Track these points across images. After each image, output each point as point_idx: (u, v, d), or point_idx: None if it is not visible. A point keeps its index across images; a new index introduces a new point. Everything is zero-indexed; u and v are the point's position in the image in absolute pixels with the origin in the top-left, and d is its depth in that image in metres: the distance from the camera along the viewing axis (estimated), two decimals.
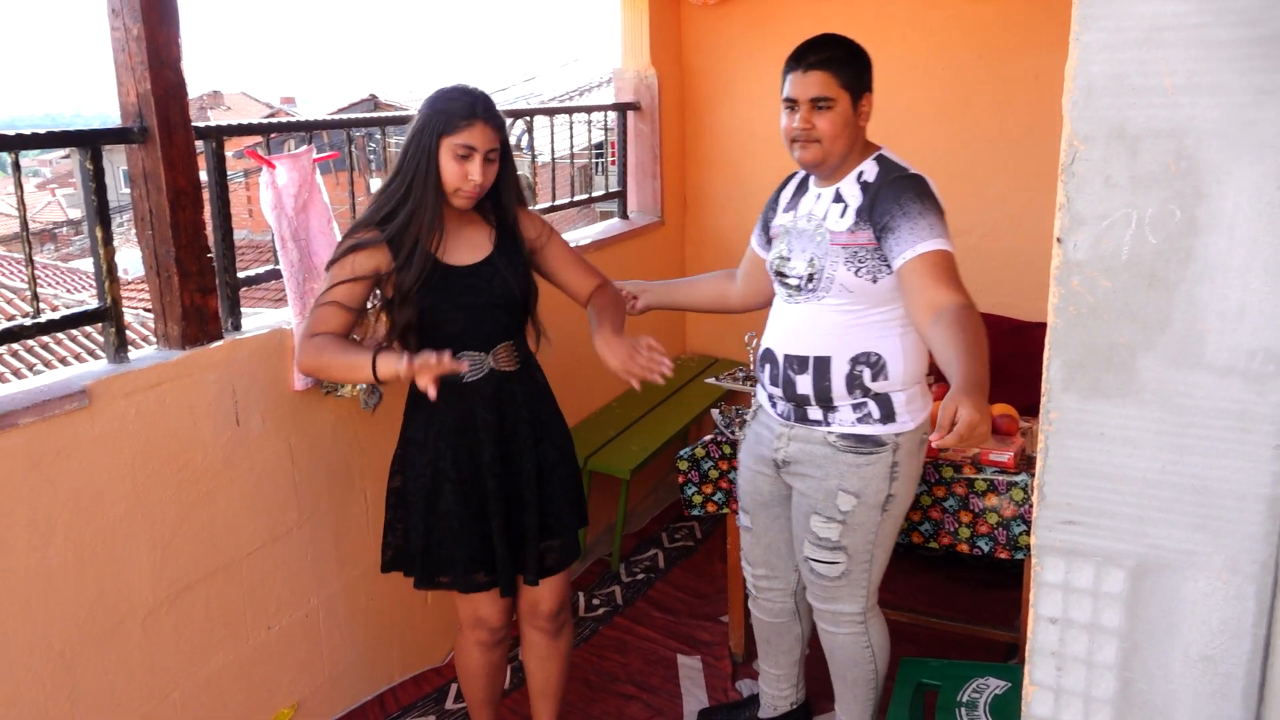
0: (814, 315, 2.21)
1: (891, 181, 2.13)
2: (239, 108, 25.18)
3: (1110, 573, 0.99)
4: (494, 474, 2.24)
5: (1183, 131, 0.87)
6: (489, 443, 2.22)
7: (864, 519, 2.24)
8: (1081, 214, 0.93)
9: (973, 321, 1.91)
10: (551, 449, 2.34)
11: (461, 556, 2.25)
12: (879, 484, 2.22)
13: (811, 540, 2.30)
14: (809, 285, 2.21)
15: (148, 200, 2.18)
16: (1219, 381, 0.90)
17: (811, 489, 2.27)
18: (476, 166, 2.09)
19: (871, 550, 2.29)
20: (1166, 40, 0.86)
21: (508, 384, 2.25)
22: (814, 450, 2.26)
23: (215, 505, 2.34)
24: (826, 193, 2.23)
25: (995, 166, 3.83)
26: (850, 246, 2.14)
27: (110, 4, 2.08)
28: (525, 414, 2.29)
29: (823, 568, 2.31)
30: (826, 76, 2.13)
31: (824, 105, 2.13)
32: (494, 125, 2.11)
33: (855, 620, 2.38)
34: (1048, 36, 3.59)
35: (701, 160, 4.49)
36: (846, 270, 2.15)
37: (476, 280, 2.19)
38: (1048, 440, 0.99)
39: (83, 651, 2.09)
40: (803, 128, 2.15)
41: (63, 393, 1.97)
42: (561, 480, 2.35)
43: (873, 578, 2.33)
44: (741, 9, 4.21)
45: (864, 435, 2.21)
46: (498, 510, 2.24)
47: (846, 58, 2.15)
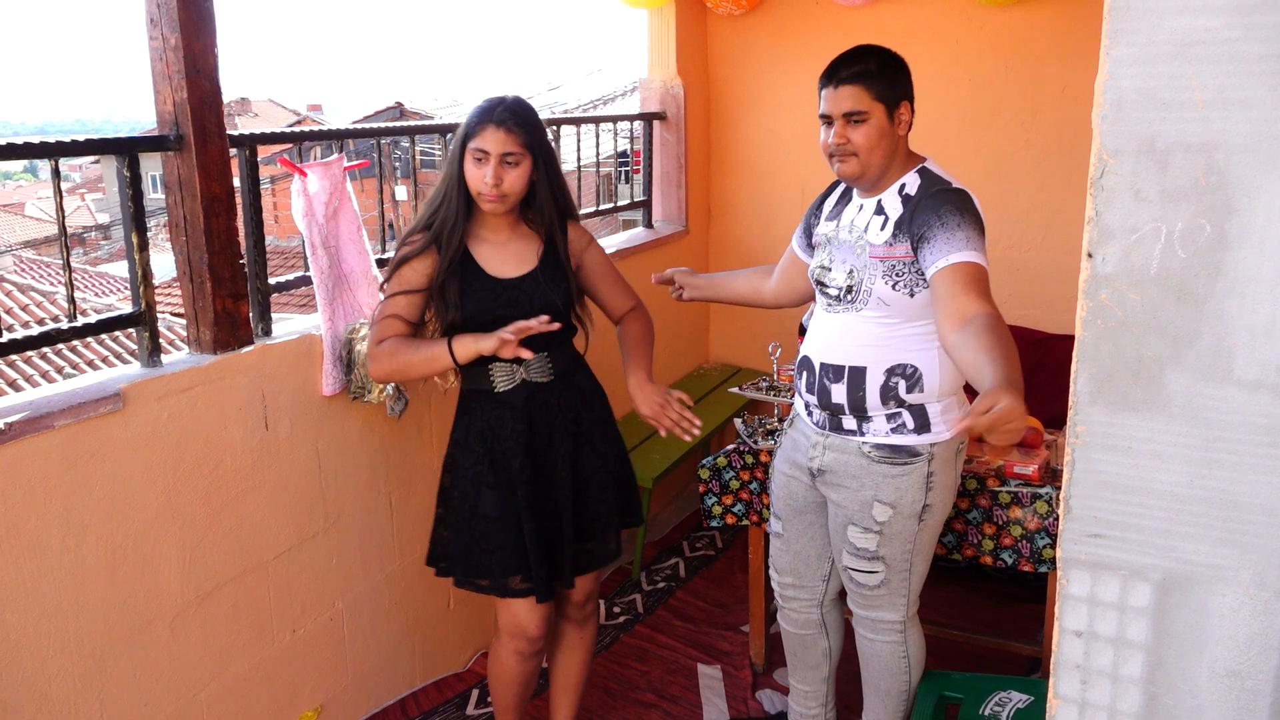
0: (851, 326, 2.22)
1: (933, 194, 2.11)
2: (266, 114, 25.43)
3: (1136, 586, 0.99)
4: (524, 481, 2.27)
5: (1213, 146, 0.88)
6: (518, 452, 2.27)
7: (901, 529, 2.24)
8: (1111, 227, 0.93)
9: (1003, 330, 1.88)
10: (592, 455, 2.37)
11: (498, 561, 2.30)
12: (915, 494, 2.21)
13: (850, 550, 2.30)
14: (848, 296, 2.22)
15: (182, 207, 2.21)
16: (1248, 396, 0.90)
17: (847, 500, 2.27)
18: (489, 169, 2.15)
19: (910, 559, 2.28)
20: (1197, 55, 0.86)
21: (540, 394, 2.29)
22: (849, 460, 2.26)
23: (244, 508, 2.36)
24: (869, 204, 2.23)
25: (1021, 178, 3.82)
26: (889, 260, 2.14)
27: (149, 14, 2.11)
28: (560, 423, 2.31)
29: (862, 577, 2.31)
30: (858, 90, 2.12)
31: (858, 119, 2.13)
32: (508, 128, 2.15)
33: (895, 629, 2.37)
34: (1075, 48, 3.58)
35: (726, 170, 4.50)
36: (884, 284, 2.15)
37: (518, 293, 2.25)
38: (1074, 453, 1.00)
39: (112, 651, 2.11)
40: (838, 142, 2.15)
41: (97, 395, 2.00)
42: (600, 486, 2.38)
43: (913, 586, 2.33)
44: (767, 20, 4.22)
45: (898, 445, 2.20)
46: (530, 517, 2.28)
47: (878, 69, 2.14)
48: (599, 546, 2.42)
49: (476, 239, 2.28)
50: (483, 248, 2.27)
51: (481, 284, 2.24)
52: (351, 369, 2.53)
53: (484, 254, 2.27)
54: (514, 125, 2.16)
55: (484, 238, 2.28)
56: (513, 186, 2.19)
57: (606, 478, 2.39)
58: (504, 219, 2.27)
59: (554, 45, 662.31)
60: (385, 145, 2.89)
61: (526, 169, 2.20)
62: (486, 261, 2.26)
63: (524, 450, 2.27)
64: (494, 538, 2.29)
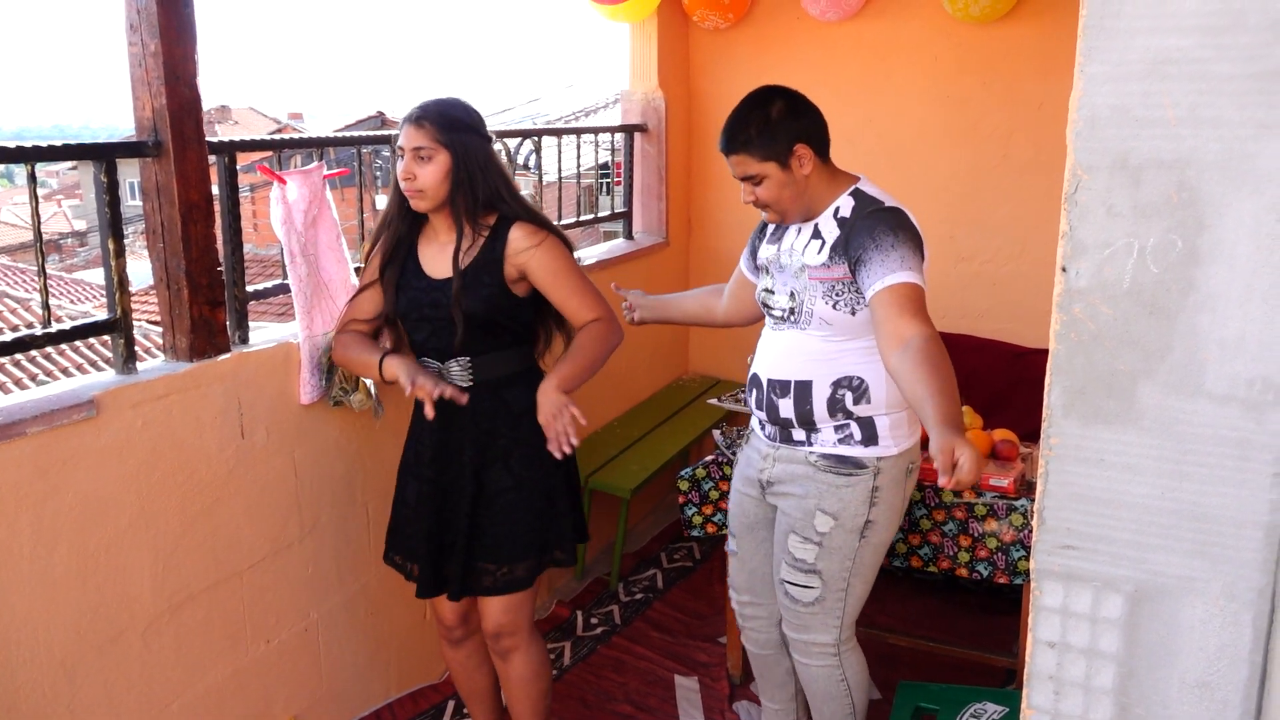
0: (797, 342, 2.26)
1: (868, 215, 2.16)
2: (247, 122, 25.30)
3: (1109, 598, 1.00)
4: (426, 479, 2.34)
5: (1185, 163, 0.89)
6: (428, 447, 2.33)
7: (841, 543, 2.24)
8: (1084, 242, 0.94)
9: (939, 355, 1.95)
10: (504, 474, 2.30)
11: (407, 547, 2.40)
12: (858, 507, 2.22)
13: (788, 561, 2.31)
14: (791, 317, 2.27)
15: (159, 213, 2.20)
16: (1218, 409, 0.91)
17: (792, 508, 2.29)
18: (404, 164, 2.20)
19: (848, 579, 2.27)
20: (1169, 74, 0.88)
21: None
22: (796, 470, 2.28)
23: (218, 517, 2.35)
24: (806, 228, 2.27)
25: (999, 193, 3.85)
26: (827, 281, 2.19)
27: (128, 20, 2.10)
28: (471, 432, 2.28)
29: (797, 591, 2.31)
30: (744, 158, 2.19)
31: (755, 180, 2.20)
32: (418, 124, 2.18)
33: (828, 652, 2.34)
34: (1053, 65, 3.63)
35: (707, 182, 4.52)
36: (825, 304, 2.19)
37: (440, 295, 2.24)
38: (1048, 465, 1.00)
39: (83, 661, 2.09)
40: (750, 200, 2.24)
41: (71, 402, 1.98)
42: (508, 508, 2.30)
43: (848, 608, 2.31)
44: (749, 34, 4.25)
45: (844, 456, 2.23)
46: (426, 514, 2.34)
47: (757, 134, 2.16)
48: (501, 572, 2.32)
49: (425, 238, 2.32)
50: (427, 247, 2.31)
51: (417, 281, 2.28)
52: (332, 375, 2.52)
53: (427, 253, 2.31)
54: (425, 122, 2.18)
55: (430, 237, 2.32)
56: (426, 182, 2.19)
57: (517, 501, 2.30)
58: (445, 219, 2.26)
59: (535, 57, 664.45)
60: (366, 154, 2.89)
61: (442, 165, 2.18)
62: (425, 261, 2.30)
63: (435, 447, 2.32)
64: (409, 524, 2.38)
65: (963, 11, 3.61)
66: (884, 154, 4.01)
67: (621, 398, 4.15)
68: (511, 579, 2.34)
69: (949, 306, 3.95)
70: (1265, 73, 0.83)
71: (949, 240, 3.95)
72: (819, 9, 3.87)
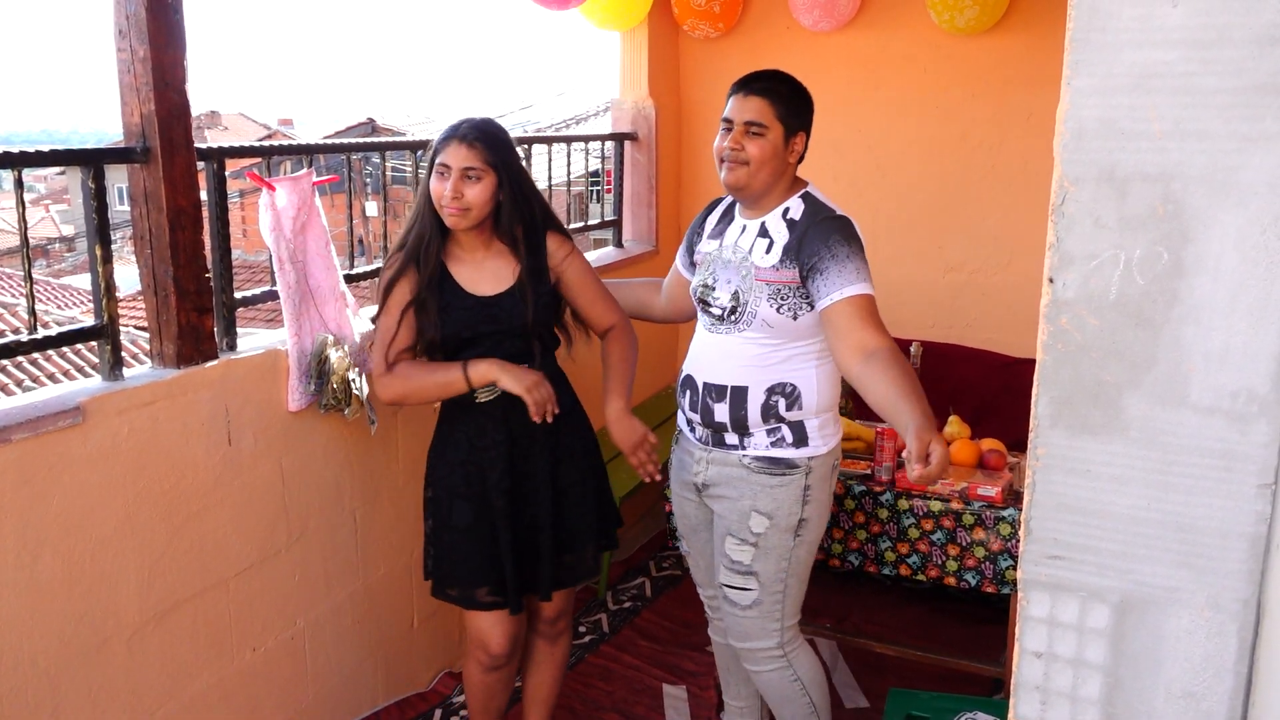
0: (734, 347, 2.27)
1: (820, 222, 2.19)
2: (236, 128, 25.26)
3: (1095, 608, 1.00)
4: (502, 492, 2.30)
5: (1170, 176, 0.90)
6: (498, 462, 2.30)
7: (776, 542, 2.27)
8: (1071, 254, 0.95)
9: (904, 363, 2.07)
10: (572, 469, 2.39)
11: (465, 572, 2.33)
12: (791, 506, 2.26)
13: (726, 565, 2.34)
14: (731, 317, 2.27)
15: (147, 219, 2.19)
16: (1203, 421, 0.92)
17: (727, 510, 2.32)
18: (450, 183, 2.19)
19: (785, 580, 2.31)
20: (1155, 87, 0.88)
21: (520, 406, 2.29)
22: (730, 473, 2.31)
23: (205, 525, 2.34)
24: (752, 225, 2.28)
25: (988, 204, 3.87)
26: (775, 284, 2.20)
27: (117, 25, 2.10)
28: (540, 435, 2.33)
29: (735, 594, 2.33)
30: (764, 104, 2.20)
31: (756, 130, 2.20)
32: (469, 144, 2.20)
33: (774, 655, 2.37)
34: (1041, 76, 3.65)
35: (696, 191, 4.53)
36: (769, 306, 2.21)
37: (497, 310, 2.28)
38: (1035, 476, 1.01)
39: (67, 669, 2.07)
40: (733, 148, 2.21)
41: (57, 409, 1.97)
42: (578, 501, 2.40)
43: (786, 609, 2.34)
44: (740, 43, 4.26)
45: (777, 458, 2.26)
46: (506, 529, 2.30)
47: (788, 93, 2.23)
48: (577, 560, 2.43)
49: (454, 258, 2.32)
50: (461, 266, 2.31)
51: (460, 301, 2.28)
52: (324, 382, 2.51)
53: (462, 272, 2.30)
54: (475, 141, 2.20)
55: (461, 256, 2.32)
56: (474, 201, 2.21)
57: (586, 491, 2.41)
58: (478, 237, 2.29)
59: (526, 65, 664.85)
60: (356, 161, 2.88)
61: (489, 186, 2.22)
62: (465, 279, 2.30)
63: (504, 461, 2.30)
64: (462, 548, 2.32)
65: (949, 23, 3.63)
66: (872, 164, 4.02)
67: None
68: (583, 567, 2.44)
69: (937, 316, 3.96)
70: (1250, 87, 0.84)
71: (937, 250, 3.96)
72: (812, 19, 3.89)
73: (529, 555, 2.35)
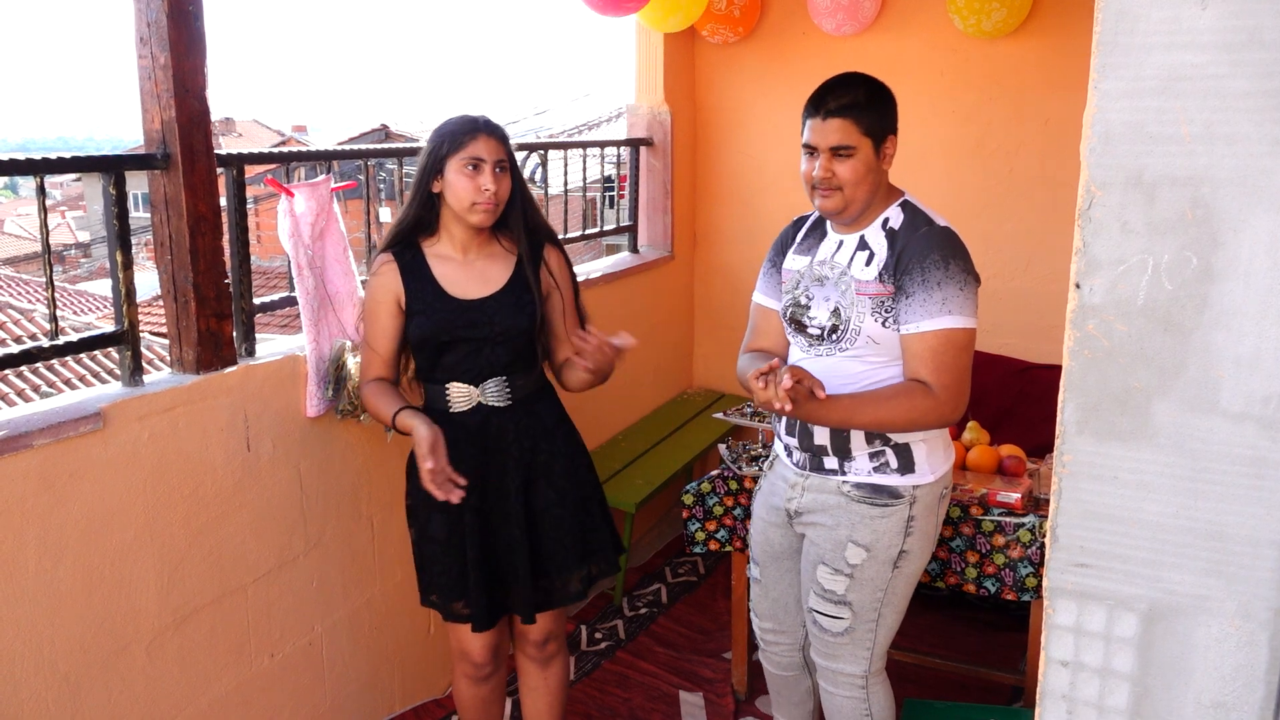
0: (836, 366, 2.13)
1: (920, 235, 2.06)
2: (251, 135, 25.40)
3: (1122, 617, 0.99)
4: (471, 507, 2.22)
5: (1200, 180, 0.89)
6: (467, 475, 2.17)
7: (873, 574, 2.14)
8: (1098, 259, 0.94)
9: (907, 402, 2.01)
10: (548, 490, 2.29)
11: (443, 584, 2.29)
12: (892, 538, 2.13)
13: (817, 592, 2.21)
14: (832, 336, 2.14)
15: (168, 225, 2.20)
16: (1233, 427, 0.91)
17: (821, 538, 2.19)
18: (487, 176, 2.14)
19: (879, 609, 2.18)
20: (1185, 90, 0.87)
21: (496, 419, 2.25)
22: (827, 500, 2.18)
23: (224, 530, 2.34)
24: (850, 240, 2.15)
25: (1005, 209, 3.85)
26: (879, 296, 2.07)
27: (138, 33, 2.11)
28: (515, 452, 2.26)
29: (827, 621, 2.21)
30: (846, 124, 2.04)
31: (844, 153, 2.05)
32: (498, 137, 2.17)
33: (856, 684, 2.25)
34: (1060, 80, 3.63)
35: (712, 196, 4.53)
36: (874, 320, 2.08)
37: (479, 315, 2.21)
38: (1061, 483, 1.00)
39: (87, 675, 2.08)
40: (823, 176, 2.07)
41: (77, 415, 1.98)
42: (556, 523, 2.29)
43: (879, 639, 2.22)
44: (755, 48, 4.26)
45: (880, 485, 2.13)
46: (474, 545, 2.25)
47: (867, 101, 2.06)
48: (555, 586, 2.33)
49: (438, 257, 2.25)
50: (445, 266, 2.24)
51: (441, 304, 2.21)
52: (341, 388, 2.51)
53: (446, 273, 2.23)
54: (501, 135, 2.18)
55: (447, 256, 2.25)
56: (504, 194, 2.18)
57: (564, 514, 2.30)
58: (475, 237, 2.24)
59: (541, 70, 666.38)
60: (371, 167, 2.89)
61: (509, 180, 2.20)
62: (448, 282, 2.23)
63: (476, 475, 2.21)
64: (440, 560, 2.28)
65: (974, 27, 3.61)
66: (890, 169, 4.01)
67: (625, 411, 4.15)
68: (567, 592, 2.34)
69: None
70: None
71: None
72: (834, 23, 3.87)
73: (504, 573, 2.28)
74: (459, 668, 2.43)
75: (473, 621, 2.29)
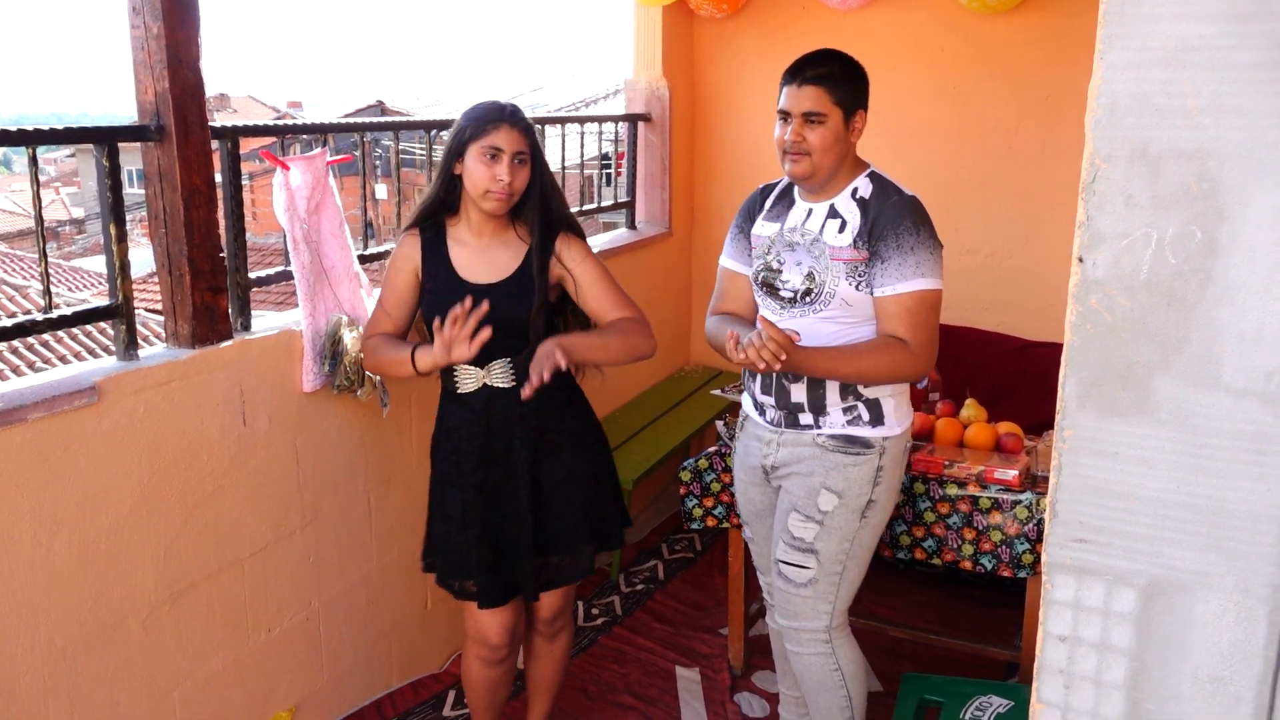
0: (810, 327, 2.24)
1: (891, 204, 2.17)
2: (245, 110, 25.23)
3: (1121, 592, 0.99)
4: (475, 485, 2.27)
5: (1205, 153, 0.88)
6: (472, 454, 2.27)
7: (842, 523, 2.24)
8: (1101, 232, 0.93)
9: (887, 355, 2.14)
10: (557, 467, 2.32)
11: (455, 562, 2.32)
12: (862, 486, 2.24)
13: (786, 540, 2.30)
14: (806, 299, 2.24)
15: (162, 199, 2.19)
16: (1235, 403, 0.91)
17: (796, 487, 2.29)
18: (504, 167, 2.16)
19: (844, 561, 2.27)
20: (1191, 61, 0.86)
21: (501, 399, 2.26)
22: (802, 452, 2.28)
23: (220, 505, 2.34)
24: (819, 208, 2.25)
25: (1005, 186, 3.83)
26: (851, 262, 2.19)
27: (131, 2, 2.08)
28: (520, 431, 2.27)
29: (791, 571, 2.29)
30: (819, 92, 2.15)
31: (815, 120, 2.16)
32: (520, 128, 2.18)
33: (819, 639, 2.32)
34: (1060, 57, 3.60)
35: (710, 172, 4.51)
36: (848, 285, 2.19)
37: (488, 298, 2.20)
38: (1061, 458, 0.99)
39: (83, 649, 2.08)
40: (794, 140, 2.17)
41: (72, 389, 1.97)
42: (566, 499, 2.33)
43: (841, 593, 2.30)
44: (753, 23, 4.22)
45: (853, 436, 2.24)
46: (476, 521, 2.28)
47: (842, 74, 2.18)
48: (565, 562, 2.37)
49: (456, 240, 2.29)
50: (460, 250, 2.28)
51: (451, 285, 2.25)
52: (338, 363, 2.50)
53: (460, 256, 2.27)
54: (525, 127, 2.19)
55: (464, 240, 2.28)
56: (520, 185, 2.20)
57: (574, 490, 2.34)
58: (490, 223, 2.26)
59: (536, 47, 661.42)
60: (367, 143, 2.87)
61: (529, 172, 2.22)
62: (461, 264, 2.27)
63: (479, 453, 2.27)
64: (453, 538, 2.31)
65: (977, 2, 3.58)
66: (888, 145, 3.98)
67: (623, 388, 4.14)
68: (576, 568, 2.39)
69: (953, 299, 3.92)
70: None
71: (954, 233, 3.92)
72: None
73: (510, 552, 2.31)
74: (472, 649, 2.44)
75: (479, 599, 2.31)
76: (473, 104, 2.24)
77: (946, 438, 2.77)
